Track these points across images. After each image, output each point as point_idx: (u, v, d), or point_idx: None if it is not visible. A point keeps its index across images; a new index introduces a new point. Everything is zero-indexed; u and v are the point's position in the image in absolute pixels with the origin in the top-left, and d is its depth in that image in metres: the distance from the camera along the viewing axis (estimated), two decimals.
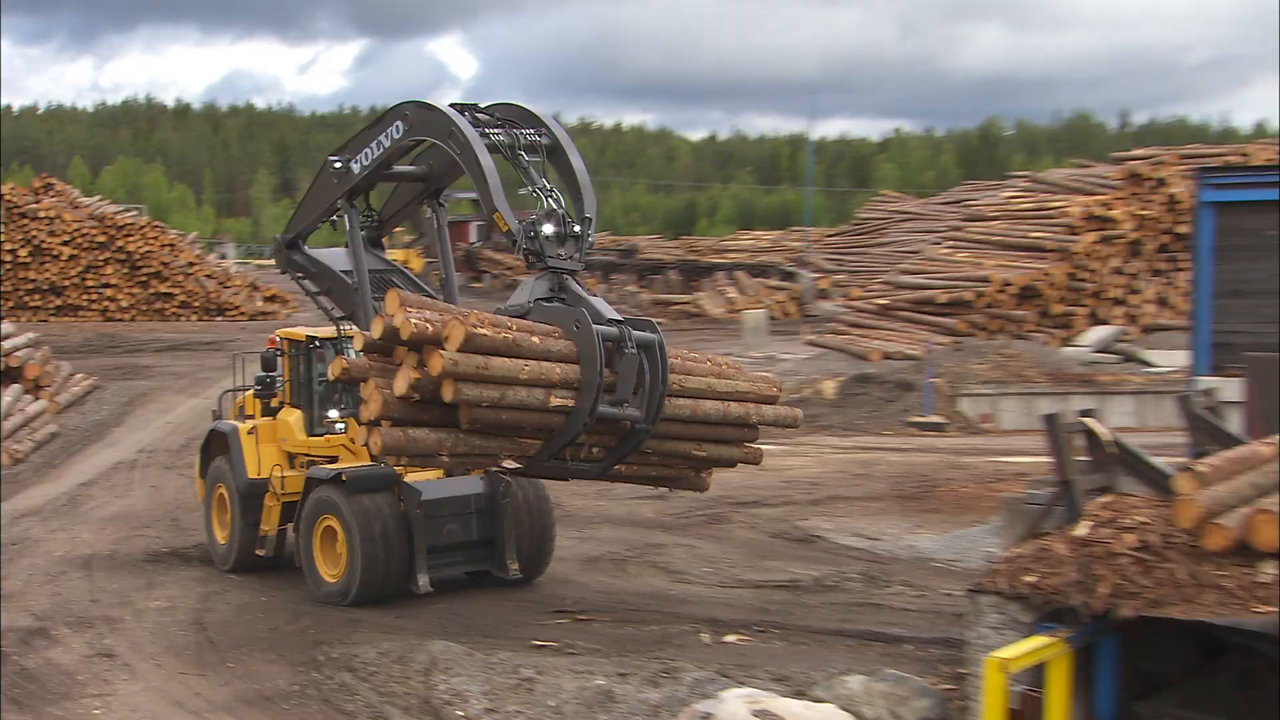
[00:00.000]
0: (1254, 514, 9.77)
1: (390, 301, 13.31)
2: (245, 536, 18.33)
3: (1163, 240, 42.45)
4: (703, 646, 14.73)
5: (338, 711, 13.61)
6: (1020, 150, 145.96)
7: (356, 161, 16.90)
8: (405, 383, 12.97)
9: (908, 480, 25.72)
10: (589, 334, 13.59)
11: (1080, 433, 12.18)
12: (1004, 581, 10.38)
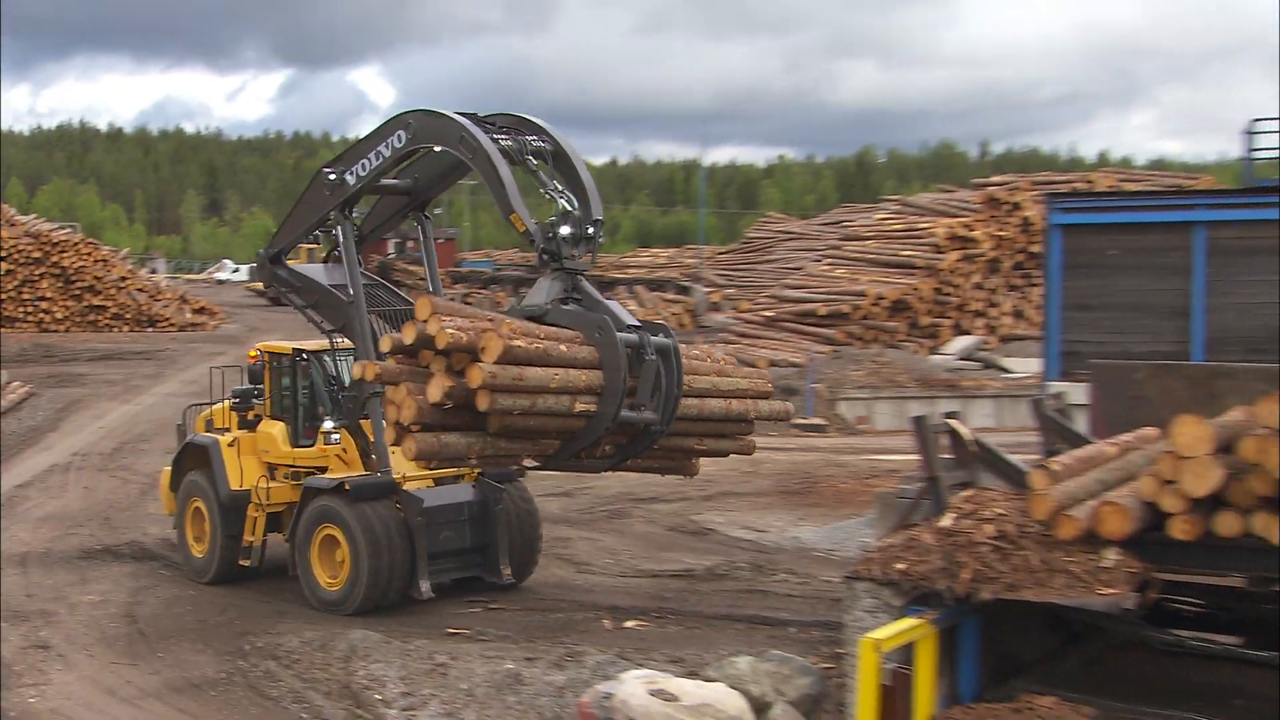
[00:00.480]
0: (1100, 506, 9.97)
1: (422, 307, 12.63)
2: (227, 548, 17.41)
3: (1018, 258, 43.21)
4: (604, 632, 14.73)
5: (263, 697, 13.43)
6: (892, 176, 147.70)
7: (352, 173, 16.22)
8: (440, 390, 12.29)
9: (792, 477, 25.92)
10: (613, 341, 13.04)
11: (945, 433, 12.35)
12: (877, 569, 10.46)
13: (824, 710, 11.27)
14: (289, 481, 17.22)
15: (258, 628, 15.43)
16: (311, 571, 16.18)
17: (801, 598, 16.20)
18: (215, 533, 17.46)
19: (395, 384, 12.57)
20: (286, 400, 17.63)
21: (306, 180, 18.26)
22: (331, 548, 16.00)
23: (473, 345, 12.33)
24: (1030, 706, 9.53)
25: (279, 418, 17.56)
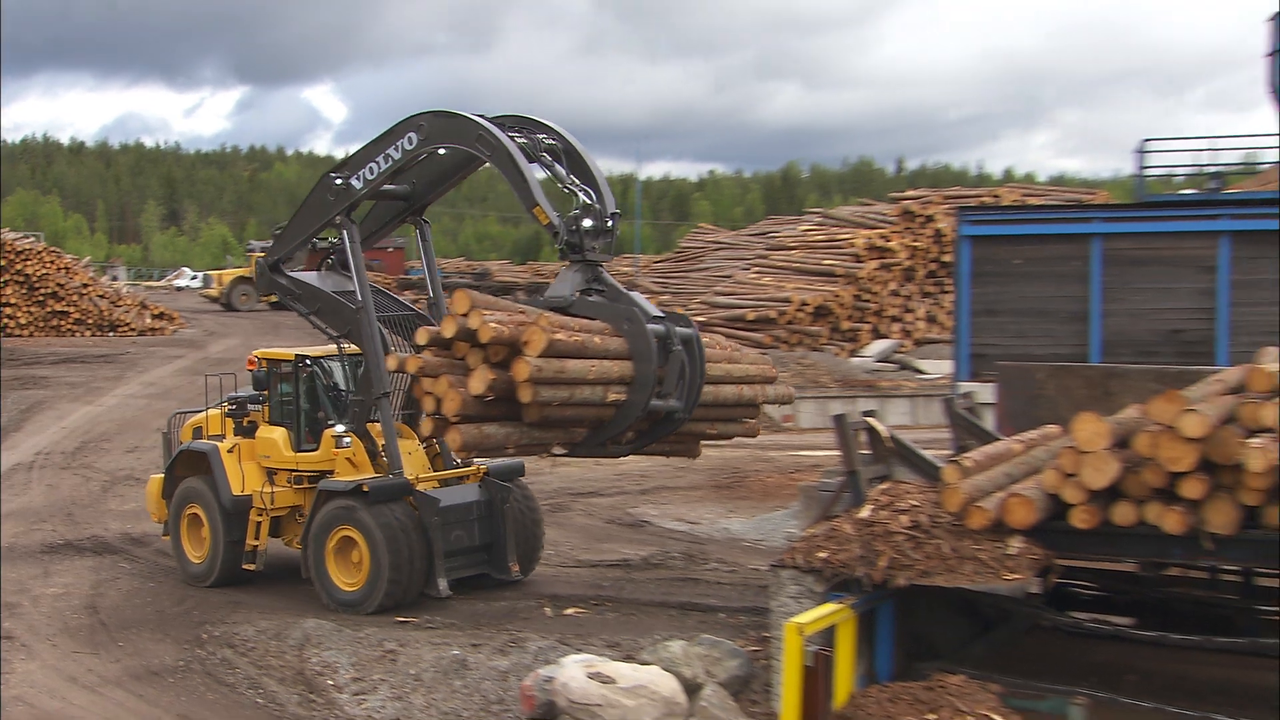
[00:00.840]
0: (1008, 498, 10.11)
1: (460, 302, 12.19)
2: (230, 552, 16.52)
3: (931, 267, 43.60)
4: (545, 619, 14.68)
5: (219, 684, 13.27)
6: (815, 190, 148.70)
7: (358, 178, 15.60)
8: (483, 383, 11.91)
9: (722, 472, 25.97)
10: (644, 333, 12.74)
11: (864, 430, 12.46)
12: (801, 557, 10.53)
13: (751, 690, 11.32)
14: (292, 486, 16.47)
15: (214, 618, 15.24)
16: (327, 573, 15.40)
17: (731, 585, 16.24)
18: (216, 538, 16.60)
19: (435, 377, 12.12)
20: (288, 406, 16.79)
21: (263, 191, 17.89)
22: (347, 549, 15.31)
23: (514, 339, 11.96)
24: (941, 685, 9.63)
25: (279, 423, 16.75)
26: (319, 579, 15.48)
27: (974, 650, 11.42)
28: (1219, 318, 18.01)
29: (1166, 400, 9.51)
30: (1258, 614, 11.99)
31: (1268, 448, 9.07)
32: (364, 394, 15.95)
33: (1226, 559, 10.07)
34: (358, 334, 15.96)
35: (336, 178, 15.77)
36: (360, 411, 16.03)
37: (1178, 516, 9.50)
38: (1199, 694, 10.58)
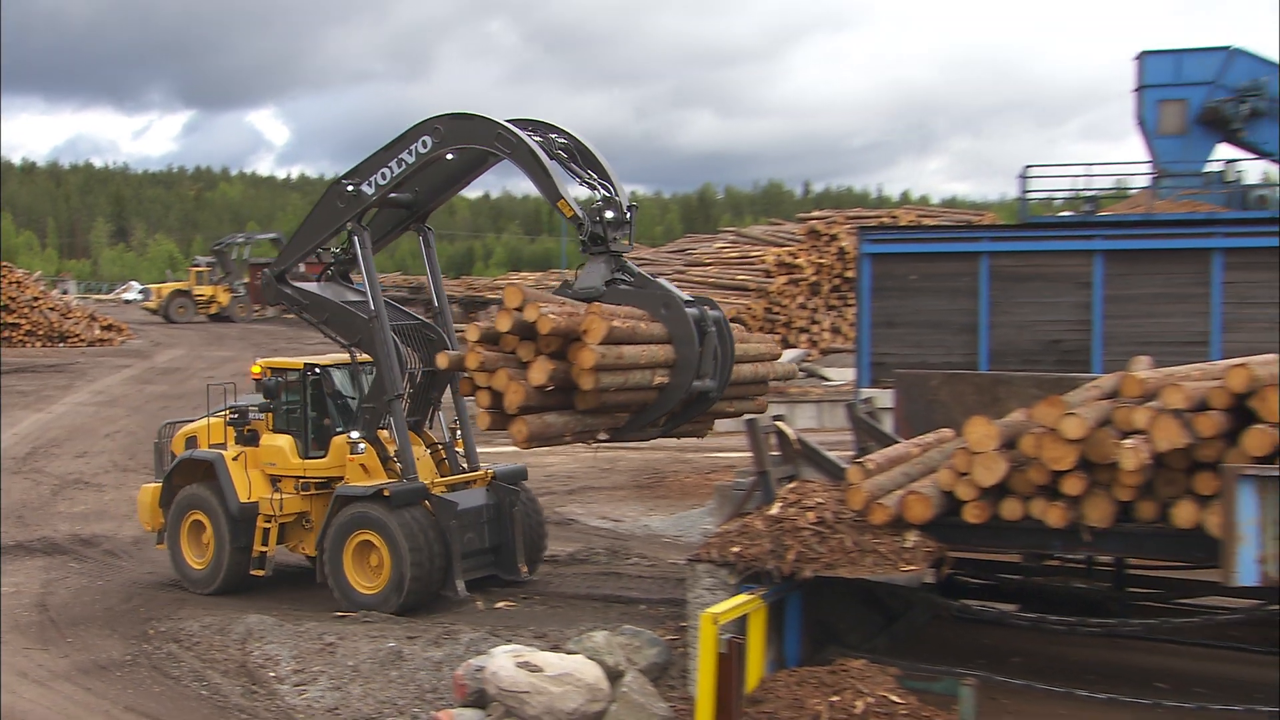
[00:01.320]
0: (906, 495, 10.22)
1: (512, 296, 11.61)
2: (236, 559, 15.68)
3: (835, 282, 44.00)
4: (477, 612, 14.55)
5: (165, 677, 13.00)
6: (728, 210, 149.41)
7: (370, 183, 14.93)
8: (544, 373, 11.36)
9: (643, 473, 25.99)
10: (684, 317, 12.36)
11: (774, 433, 12.52)
12: (715, 552, 10.55)
13: (670, 676, 11.31)
14: (299, 493, 15.71)
15: (160, 614, 14.93)
16: (345, 577, 14.74)
17: (651, 578, 16.23)
18: (222, 545, 15.73)
19: (493, 371, 11.61)
20: (294, 413, 15.99)
21: (208, 209, 17.37)
22: (365, 553, 14.68)
23: (570, 329, 11.47)
24: (844, 668, 9.69)
25: (285, 431, 15.93)
26: (336, 583, 14.79)
27: (873, 634, 11.53)
28: (1095, 329, 18.37)
29: (1049, 405, 9.68)
30: (1129, 599, 12.24)
31: (1139, 448, 9.26)
32: (375, 401, 15.31)
33: (1102, 550, 10.26)
34: (369, 341, 15.29)
35: (348, 184, 15.09)
36: (371, 418, 15.41)
37: (1059, 511, 9.67)
38: (1074, 673, 10.79)
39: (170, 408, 34.20)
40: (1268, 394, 9.28)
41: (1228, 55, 25.44)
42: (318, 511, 15.56)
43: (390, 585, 14.41)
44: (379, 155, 14.86)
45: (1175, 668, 11.14)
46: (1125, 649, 11.45)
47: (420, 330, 16.09)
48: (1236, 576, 8.58)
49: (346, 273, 16.42)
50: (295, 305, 16.13)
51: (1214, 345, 17.58)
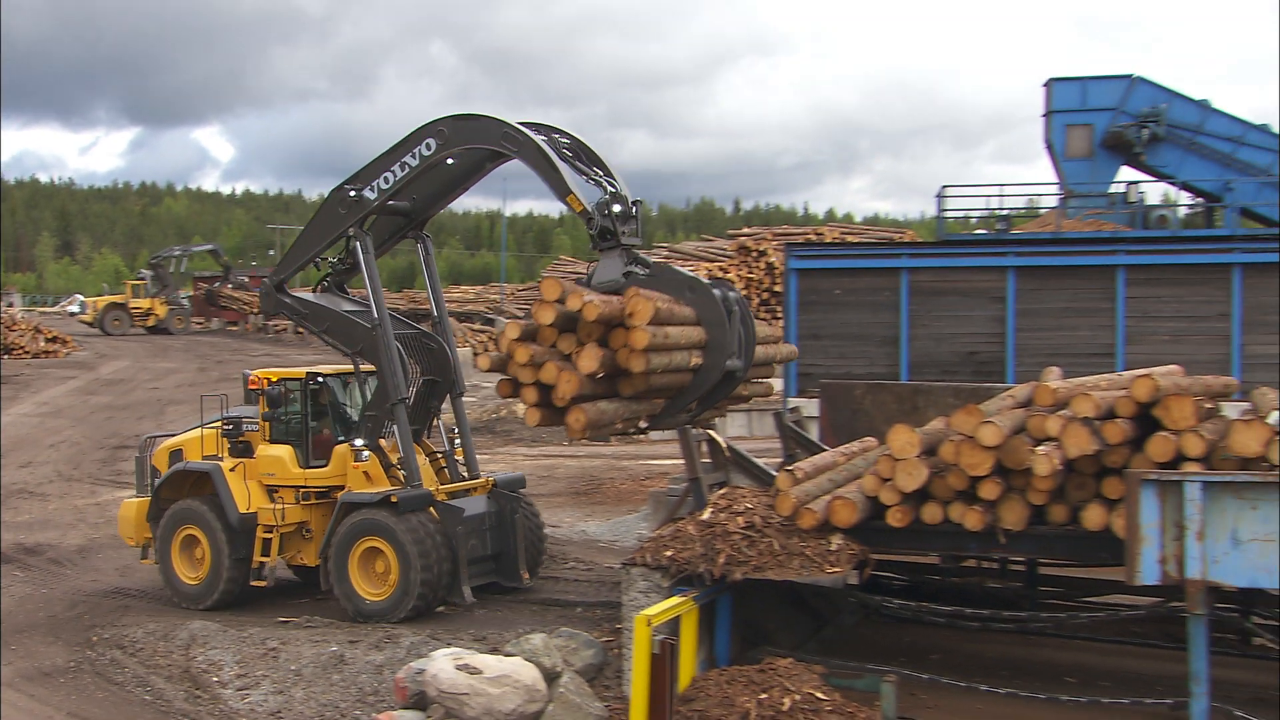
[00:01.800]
0: (833, 501, 10.29)
1: (551, 289, 11.21)
2: (236, 571, 14.90)
3: (764, 296, 44.27)
4: (418, 616, 14.41)
5: (109, 683, 12.71)
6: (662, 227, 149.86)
7: (372, 188, 14.32)
8: (594, 360, 10.87)
9: (581, 480, 25.88)
10: (711, 298, 11.91)
11: (705, 442, 12.56)
12: (649, 556, 10.55)
13: (605, 677, 11.28)
14: (300, 503, 15.01)
15: (104, 621, 14.58)
16: (351, 584, 14.11)
17: (587, 582, 16.16)
18: (219, 558, 14.92)
19: (540, 365, 11.11)
20: (295, 423, 15.33)
21: (153, 224, 16.85)
22: (371, 560, 14.10)
23: (614, 315, 11.02)
24: (772, 667, 9.73)
25: (283, 441, 15.23)
26: (342, 590, 14.17)
27: (799, 634, 11.58)
28: (1008, 341, 18.65)
29: (967, 414, 9.79)
30: (1040, 598, 12.42)
31: (1051, 454, 9.40)
32: (378, 407, 14.83)
33: (1015, 551, 10.40)
34: (372, 349, 14.69)
35: (350, 190, 14.46)
36: (374, 425, 14.90)
37: (977, 515, 9.79)
38: (989, 669, 10.91)
39: (115, 418, 33.54)
40: (1170, 403, 9.47)
41: (1130, 83, 25.99)
42: (317, 521, 15.04)
43: (398, 592, 13.87)
44: (381, 159, 14.32)
45: (1083, 662, 11.32)
46: (1036, 645, 11.60)
47: (420, 339, 15.58)
48: (1140, 576, 8.72)
49: (342, 283, 15.90)
50: (295, 315, 15.59)
51: (1118, 356, 17.93)
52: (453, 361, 15.65)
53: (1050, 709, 9.84)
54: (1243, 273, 17.76)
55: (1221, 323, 17.84)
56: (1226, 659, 10.53)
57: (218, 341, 57.12)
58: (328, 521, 14.88)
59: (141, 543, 16.02)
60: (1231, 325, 17.77)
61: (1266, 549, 8.43)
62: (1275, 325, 17.56)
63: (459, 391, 15.79)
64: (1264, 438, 8.98)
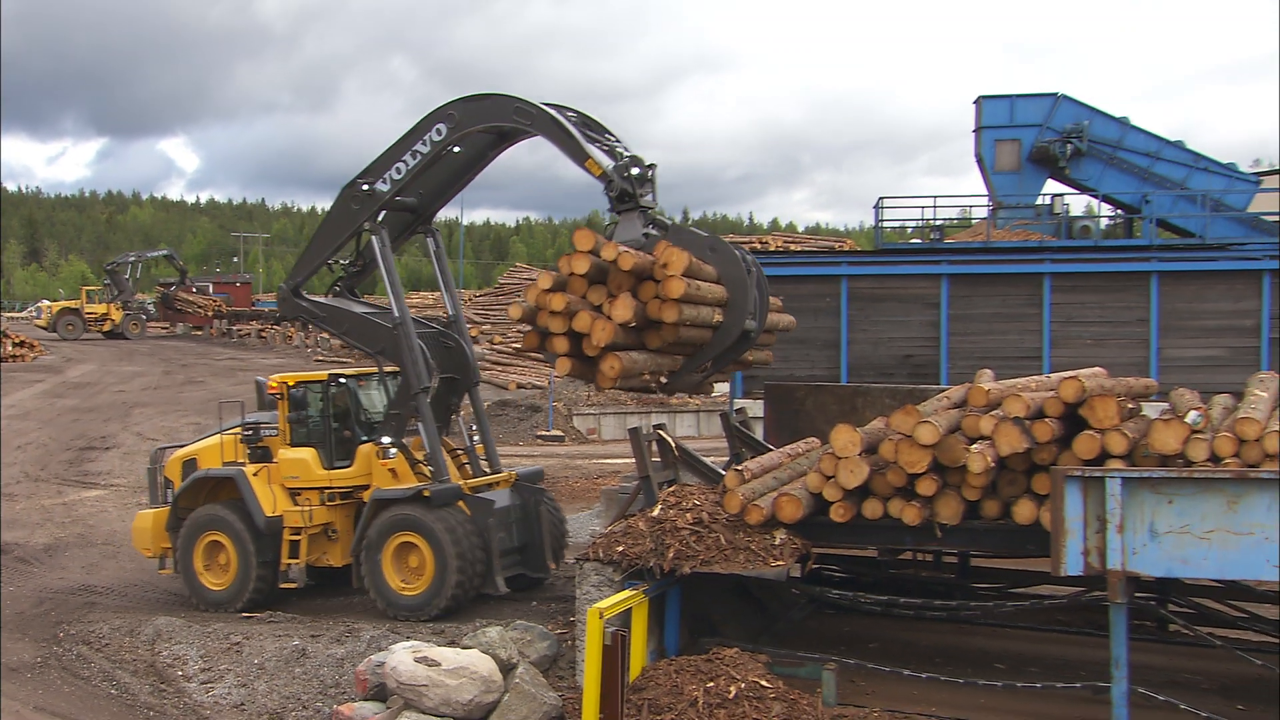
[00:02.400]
0: (779, 498, 10.31)
1: (583, 239, 10.87)
2: (264, 574, 14.47)
3: None
4: (379, 611, 14.28)
5: (75, 677, 12.47)
6: None
7: (385, 180, 13.83)
8: (629, 309, 10.53)
9: None
10: (733, 256, 11.53)
11: (655, 441, 12.54)
12: (602, 551, 10.52)
13: (559, 668, 11.24)
14: (326, 504, 14.63)
15: (71, 617, 14.31)
16: (385, 580, 13.72)
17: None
18: (246, 562, 14.46)
19: (574, 314, 10.79)
20: (317, 425, 14.92)
21: (119, 232, 16.39)
22: (404, 555, 13.75)
23: (646, 265, 10.73)
24: (718, 656, 9.74)
25: (305, 444, 14.80)
26: (376, 587, 13.78)
27: (745, 625, 11.60)
28: (942, 345, 18.83)
29: (905, 414, 9.86)
30: (972, 589, 12.54)
31: (985, 452, 9.49)
32: (401, 406, 14.42)
33: (950, 545, 10.47)
34: (394, 348, 14.28)
35: (362, 184, 13.98)
36: (398, 423, 14.47)
37: (915, 510, 9.86)
38: (925, 657, 11.00)
39: (81, 420, 32.94)
40: (1095, 403, 9.60)
41: (1055, 101, 26.34)
42: (342, 521, 14.70)
43: (433, 586, 13.50)
44: (391, 151, 13.83)
45: (1012, 649, 11.44)
46: (968, 634, 11.72)
47: (438, 338, 15.17)
48: (1064, 567, 8.82)
49: (353, 287, 15.51)
50: (313, 318, 15.10)
51: (1045, 359, 18.17)
52: (470, 356, 15.24)
53: (981, 693, 9.94)
54: (1159, 280, 18.07)
55: (1140, 327, 18.13)
56: (1145, 645, 10.71)
57: (182, 346, 56.32)
58: (352, 522, 14.53)
59: (159, 553, 15.51)
60: (1150, 330, 18.07)
61: (1181, 541, 8.57)
62: (1190, 330, 17.88)
63: (475, 381, 15.34)
64: (1182, 436, 9.14)
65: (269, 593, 14.61)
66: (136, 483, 25.00)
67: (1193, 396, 10.57)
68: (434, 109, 13.54)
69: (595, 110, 13.26)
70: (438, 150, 13.56)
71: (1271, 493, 8.36)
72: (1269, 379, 10.96)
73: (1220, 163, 25.84)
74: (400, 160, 13.76)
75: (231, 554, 14.61)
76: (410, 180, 13.88)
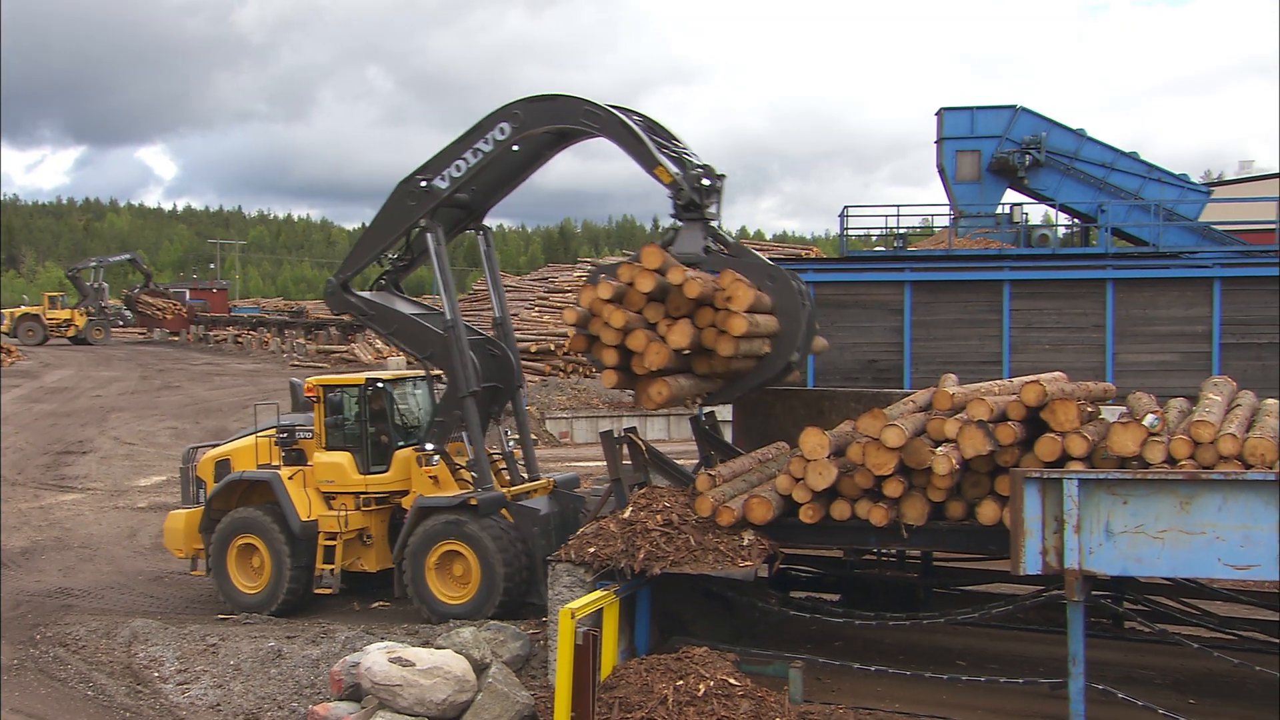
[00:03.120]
0: (750, 499, 10.33)
1: (651, 256, 10.54)
2: (299, 578, 14.15)
3: None
4: (354, 612, 14.20)
5: (51, 679, 12.31)
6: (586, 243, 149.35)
7: (444, 177, 13.47)
8: (686, 337, 10.29)
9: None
10: (791, 290, 11.21)
11: (626, 444, 12.53)
12: (574, 552, 10.50)
13: (531, 667, 11.20)
14: (362, 509, 14.33)
15: (47, 620, 14.12)
16: (429, 588, 13.36)
17: None
18: (280, 565, 14.14)
19: (631, 331, 10.52)
20: (353, 429, 14.51)
21: (97, 239, 15.95)
22: (448, 564, 13.42)
23: (711, 294, 10.42)
24: (688, 655, 9.74)
25: (341, 447, 14.44)
26: (419, 595, 13.42)
27: (714, 624, 11.61)
28: (905, 350, 18.89)
29: (872, 417, 9.89)
30: (933, 588, 12.60)
31: (950, 454, 9.54)
32: (445, 412, 14.09)
33: (913, 545, 10.50)
34: (444, 352, 13.94)
35: (421, 180, 13.62)
36: (440, 430, 14.14)
37: (882, 511, 9.89)
38: (888, 654, 11.05)
39: (59, 425, 32.54)
40: (1056, 407, 9.67)
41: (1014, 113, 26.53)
42: (376, 527, 14.39)
43: (480, 594, 13.14)
44: (452, 148, 13.46)
45: (973, 646, 11.51)
46: (931, 632, 11.76)
47: (483, 345, 14.85)
48: (1024, 566, 8.89)
49: (398, 281, 15.13)
50: (361, 315, 14.67)
51: (1005, 364, 18.27)
52: (514, 363, 14.92)
53: (944, 689, 9.99)
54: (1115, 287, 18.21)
55: (1097, 333, 18.27)
56: (1101, 641, 10.80)
57: (159, 351, 55.76)
58: (387, 527, 14.20)
59: (191, 554, 15.20)
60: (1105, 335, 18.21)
61: (1136, 540, 8.65)
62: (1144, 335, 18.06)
63: (518, 386, 15.03)
64: (1140, 438, 9.23)
65: (302, 597, 14.28)
66: (114, 487, 24.73)
67: (1149, 400, 10.67)
68: (498, 108, 13.20)
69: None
70: (501, 150, 13.23)
71: (1222, 493, 8.46)
72: (1222, 383, 11.09)
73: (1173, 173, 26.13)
74: (461, 158, 13.42)
75: (265, 557, 14.27)
76: (469, 178, 13.56)
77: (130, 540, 19.42)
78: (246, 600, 14.38)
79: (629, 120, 12.30)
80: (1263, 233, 25.17)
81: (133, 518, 21.34)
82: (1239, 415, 9.88)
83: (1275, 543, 8.30)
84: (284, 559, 14.13)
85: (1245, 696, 9.97)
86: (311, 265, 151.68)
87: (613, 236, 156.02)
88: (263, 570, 14.35)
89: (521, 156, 13.90)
